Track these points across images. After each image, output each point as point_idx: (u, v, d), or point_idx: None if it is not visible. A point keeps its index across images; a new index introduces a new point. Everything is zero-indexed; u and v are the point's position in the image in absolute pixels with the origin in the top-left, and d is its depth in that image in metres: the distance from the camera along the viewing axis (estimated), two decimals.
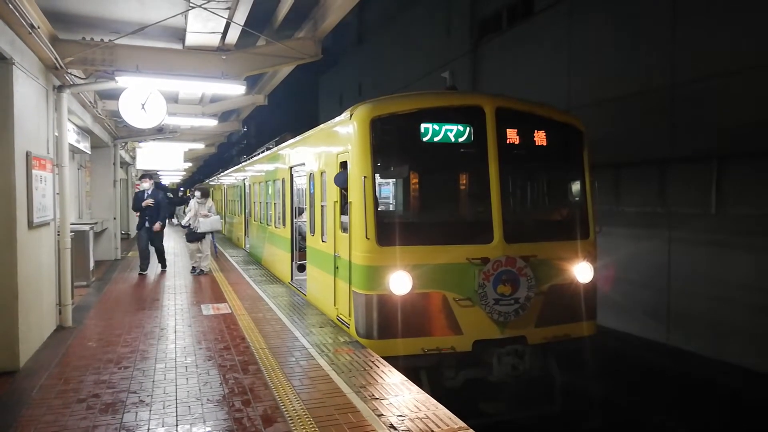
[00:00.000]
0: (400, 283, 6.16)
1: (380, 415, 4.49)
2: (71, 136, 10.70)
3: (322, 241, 8.07)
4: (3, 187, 5.74)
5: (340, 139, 7.19)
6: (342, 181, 6.89)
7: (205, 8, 7.16)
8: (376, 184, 6.52)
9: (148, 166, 20.43)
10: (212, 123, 15.14)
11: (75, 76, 8.35)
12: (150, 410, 4.66)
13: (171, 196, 34.88)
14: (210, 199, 12.91)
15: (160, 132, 14.98)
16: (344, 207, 6.99)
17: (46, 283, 6.97)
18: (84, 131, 12.58)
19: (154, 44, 9.27)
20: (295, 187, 10.81)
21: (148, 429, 4.30)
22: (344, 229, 6.97)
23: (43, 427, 4.33)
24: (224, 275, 12.21)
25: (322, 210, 8.17)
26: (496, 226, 6.39)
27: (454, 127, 6.50)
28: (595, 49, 12.53)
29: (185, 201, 29.29)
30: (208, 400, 4.89)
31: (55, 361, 6.03)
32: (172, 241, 19.70)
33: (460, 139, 6.54)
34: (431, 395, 4.97)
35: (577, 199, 7.31)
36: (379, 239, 6.24)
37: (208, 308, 8.69)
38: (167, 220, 21.83)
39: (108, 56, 8.01)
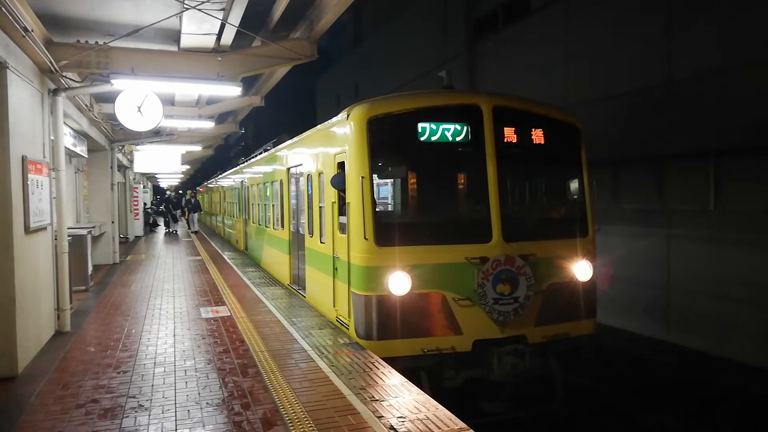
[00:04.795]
0: (399, 283, 6.14)
1: (380, 417, 4.47)
2: (67, 140, 10.68)
3: (321, 243, 8.05)
4: None
5: (338, 140, 7.17)
6: (339, 182, 6.87)
7: (199, 10, 7.13)
8: (374, 185, 6.50)
9: (146, 169, 20.44)
10: (209, 125, 15.13)
11: (70, 79, 8.31)
12: (149, 415, 4.64)
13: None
14: None
15: (157, 135, 14.95)
16: (342, 208, 6.97)
17: (43, 288, 6.94)
18: (80, 135, 12.55)
19: (149, 46, 9.25)
20: (292, 189, 10.78)
21: None
22: (342, 230, 6.94)
23: None
24: (223, 278, 12.18)
25: (320, 211, 8.15)
26: (495, 225, 6.37)
27: (452, 127, 6.48)
28: (592, 47, 12.52)
29: (188, 204, 29.15)
30: (207, 403, 4.86)
31: (54, 367, 6.00)
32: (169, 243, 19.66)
33: (458, 139, 6.52)
34: (431, 396, 4.96)
35: (575, 197, 7.30)
36: (377, 240, 6.22)
37: (207, 311, 8.66)
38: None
39: (103, 59, 7.99)
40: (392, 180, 7.84)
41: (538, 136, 6.84)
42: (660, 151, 10.74)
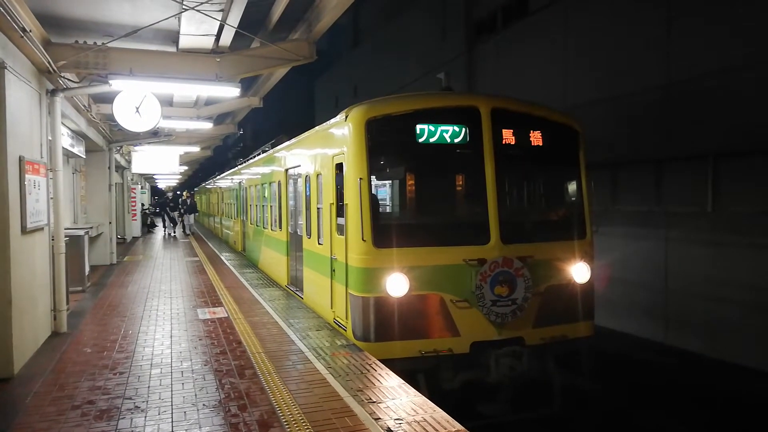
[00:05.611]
0: (396, 285, 6.13)
1: (377, 419, 4.46)
2: (65, 140, 10.65)
3: (319, 244, 8.04)
4: None
5: (336, 141, 7.16)
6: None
7: (198, 10, 7.13)
8: (372, 186, 6.49)
9: (144, 170, 20.41)
10: (207, 126, 15.10)
11: (68, 79, 8.30)
12: (145, 416, 4.62)
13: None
14: None
15: (155, 135, 14.92)
16: (340, 209, 6.96)
17: (40, 289, 6.92)
18: (78, 135, 12.51)
19: (147, 47, 9.24)
20: (290, 190, 10.77)
21: None
22: (340, 231, 6.94)
23: None
24: (221, 279, 12.16)
25: (318, 212, 8.14)
26: (493, 226, 6.37)
27: (450, 128, 6.47)
28: (591, 49, 12.54)
29: (184, 204, 29.10)
30: (203, 405, 4.85)
31: (50, 368, 5.97)
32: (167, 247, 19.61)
33: (456, 140, 6.51)
34: (429, 398, 4.95)
35: (573, 199, 7.30)
36: (375, 241, 6.21)
37: (204, 312, 8.64)
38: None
39: (101, 59, 7.98)
40: (390, 181, 7.84)
41: (536, 138, 6.84)
42: (659, 153, 10.75)
